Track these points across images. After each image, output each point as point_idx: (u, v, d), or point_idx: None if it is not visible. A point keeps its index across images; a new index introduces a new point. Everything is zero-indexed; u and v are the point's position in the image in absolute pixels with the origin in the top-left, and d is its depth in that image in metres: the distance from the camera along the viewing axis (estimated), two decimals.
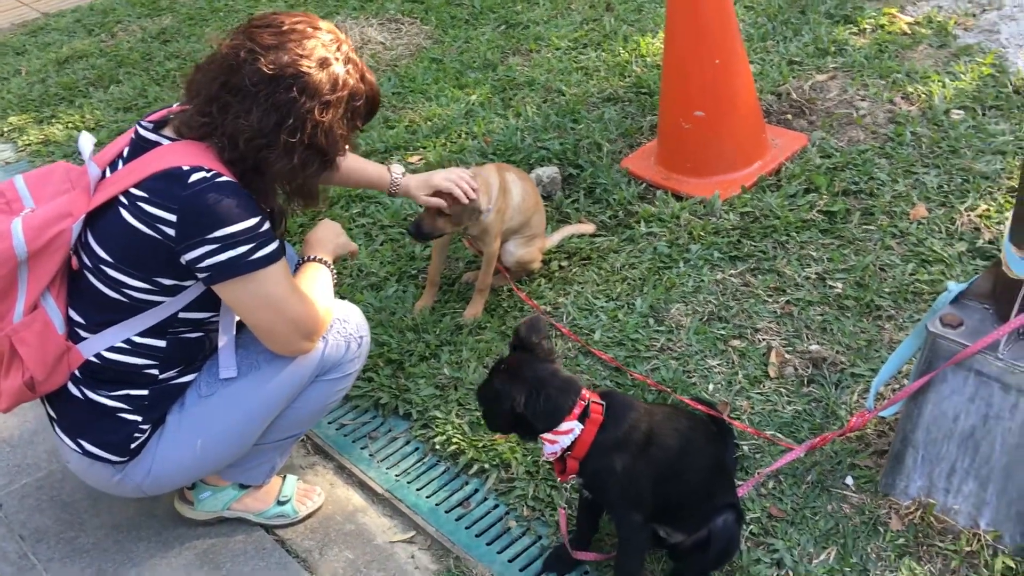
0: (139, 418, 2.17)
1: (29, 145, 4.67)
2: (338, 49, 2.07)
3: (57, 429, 2.24)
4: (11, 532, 2.59)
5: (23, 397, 2.14)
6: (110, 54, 5.49)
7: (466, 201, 2.79)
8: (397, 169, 2.79)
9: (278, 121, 2.00)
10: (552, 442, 2.06)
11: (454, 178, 2.79)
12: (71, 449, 2.22)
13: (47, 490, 2.70)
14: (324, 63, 2.03)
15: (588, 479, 2.13)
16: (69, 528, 2.58)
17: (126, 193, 2.01)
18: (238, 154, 2.02)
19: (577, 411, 2.04)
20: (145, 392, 2.17)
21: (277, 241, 2.08)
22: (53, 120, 4.85)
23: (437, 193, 2.78)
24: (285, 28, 2.02)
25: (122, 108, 4.84)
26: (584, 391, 2.09)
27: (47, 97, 5.09)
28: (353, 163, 2.72)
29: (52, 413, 2.25)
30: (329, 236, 2.46)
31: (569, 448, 2.06)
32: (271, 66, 1.97)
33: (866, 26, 4.42)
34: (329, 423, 2.86)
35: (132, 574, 2.44)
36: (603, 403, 2.09)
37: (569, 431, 2.05)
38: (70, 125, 4.76)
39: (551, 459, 2.12)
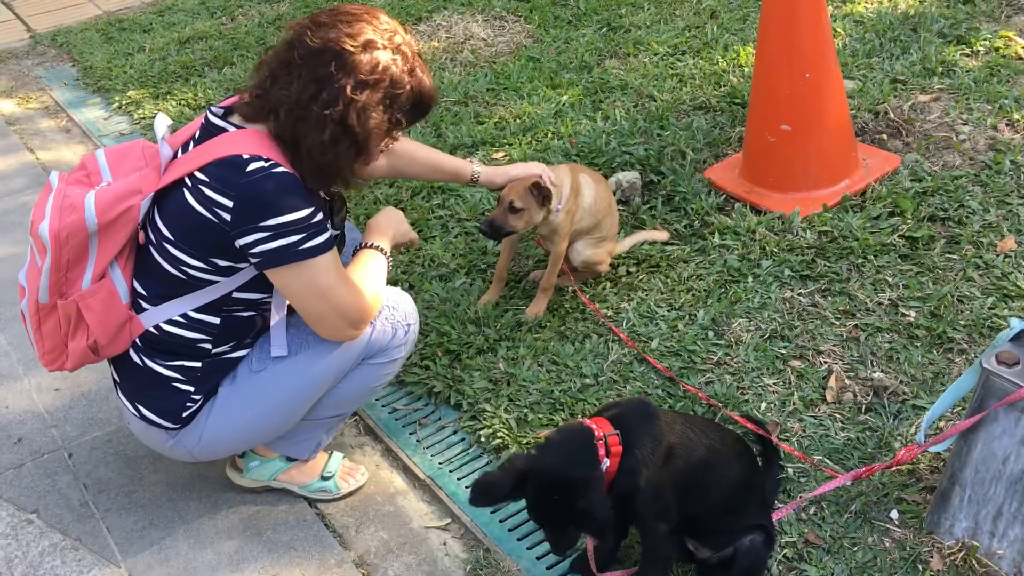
0: (192, 388, 2.28)
1: (144, 119, 4.92)
2: (390, 39, 2.12)
3: (119, 392, 2.37)
4: (77, 480, 2.75)
5: (87, 359, 2.27)
6: (228, 36, 5.73)
7: (552, 186, 2.88)
8: (476, 162, 2.90)
9: (313, 93, 2.06)
10: None
11: (540, 166, 2.91)
12: (130, 412, 2.35)
13: (114, 444, 2.86)
14: (368, 45, 2.08)
15: (615, 499, 2.12)
16: (129, 482, 2.73)
17: (191, 176, 2.10)
18: (280, 126, 2.09)
19: (602, 451, 2.03)
20: (198, 364, 2.27)
21: (329, 232, 2.14)
22: (168, 96, 5.09)
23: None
24: (343, 11, 2.10)
25: (232, 89, 5.03)
26: (593, 427, 2.05)
27: (165, 74, 5.34)
28: (432, 154, 2.82)
29: (116, 377, 2.38)
30: (390, 223, 2.52)
31: None
32: (317, 40, 2.05)
33: (980, 48, 4.24)
34: (382, 406, 2.94)
35: (180, 531, 2.57)
36: (617, 431, 2.06)
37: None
38: (183, 102, 4.99)
39: None
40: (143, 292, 2.24)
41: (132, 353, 2.30)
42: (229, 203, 2.05)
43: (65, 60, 5.90)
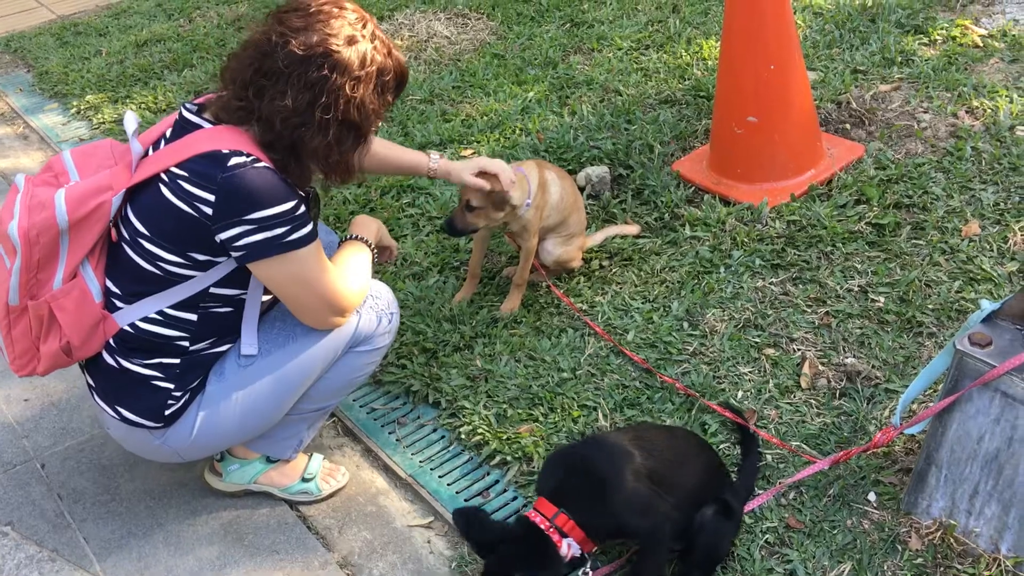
0: (172, 386, 2.25)
1: (103, 123, 4.85)
2: (363, 27, 2.13)
3: (96, 397, 2.34)
4: (51, 491, 2.70)
5: (59, 361, 2.24)
6: (186, 39, 5.66)
7: (508, 186, 2.83)
8: (435, 154, 2.86)
9: (311, 100, 2.06)
10: (574, 557, 2.11)
11: (500, 164, 2.86)
12: (110, 416, 2.32)
13: (88, 453, 2.82)
14: (351, 40, 2.09)
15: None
16: (104, 491, 2.69)
17: (167, 172, 2.09)
18: (274, 135, 2.09)
19: (553, 536, 2.07)
20: (177, 361, 2.25)
21: (311, 224, 2.15)
22: (128, 100, 5.02)
23: (481, 175, 2.83)
24: (312, 10, 2.09)
25: (193, 91, 4.99)
26: (540, 522, 2.09)
27: (124, 78, 5.27)
28: (390, 149, 2.80)
29: (91, 381, 2.34)
30: (374, 222, 2.57)
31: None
32: (302, 47, 2.04)
33: (937, 37, 4.31)
34: (360, 406, 2.92)
35: (159, 538, 2.54)
36: (560, 508, 2.09)
37: (569, 549, 2.09)
38: (143, 106, 4.93)
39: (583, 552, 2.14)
40: (116, 291, 2.22)
41: (106, 355, 2.26)
42: (211, 197, 2.04)
43: (20, 66, 5.80)
